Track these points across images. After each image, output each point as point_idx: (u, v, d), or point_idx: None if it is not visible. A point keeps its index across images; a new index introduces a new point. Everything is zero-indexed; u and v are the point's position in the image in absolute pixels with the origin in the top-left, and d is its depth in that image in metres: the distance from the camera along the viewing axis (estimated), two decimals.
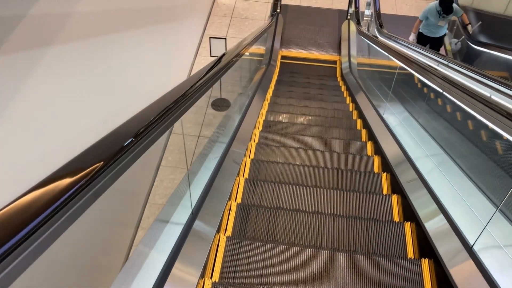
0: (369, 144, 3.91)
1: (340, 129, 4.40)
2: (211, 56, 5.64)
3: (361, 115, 4.73)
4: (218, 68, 2.63)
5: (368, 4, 8.19)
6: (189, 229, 2.15)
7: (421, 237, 2.41)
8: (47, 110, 3.08)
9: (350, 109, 5.35)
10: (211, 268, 2.19)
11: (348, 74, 6.89)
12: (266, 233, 2.56)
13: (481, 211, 2.09)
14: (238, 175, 3.13)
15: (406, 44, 4.41)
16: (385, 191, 3.14)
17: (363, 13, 8.06)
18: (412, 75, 3.30)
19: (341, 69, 7.51)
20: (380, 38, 5.39)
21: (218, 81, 2.93)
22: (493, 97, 1.97)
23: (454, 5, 6.03)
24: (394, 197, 2.90)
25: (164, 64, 5.89)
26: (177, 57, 6.79)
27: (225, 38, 5.39)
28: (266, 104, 5.27)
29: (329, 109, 5.29)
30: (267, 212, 2.66)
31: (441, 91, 2.66)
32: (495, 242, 1.91)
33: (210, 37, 5.43)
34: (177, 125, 2.20)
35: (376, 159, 3.57)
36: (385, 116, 3.93)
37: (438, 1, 6.00)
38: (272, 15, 7.37)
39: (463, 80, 2.52)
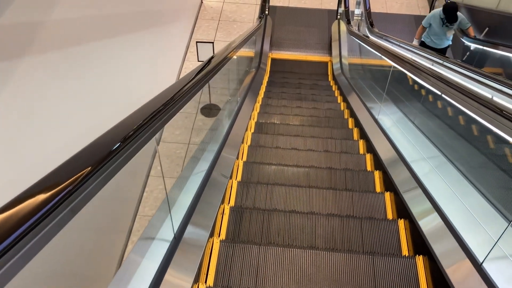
0: (361, 143, 4.02)
1: (332, 128, 4.52)
2: (198, 61, 5.67)
3: (353, 116, 4.81)
4: (208, 70, 2.66)
5: (358, 3, 8.27)
6: (178, 242, 2.17)
7: (415, 233, 2.48)
8: (26, 123, 3.06)
9: (342, 108, 5.43)
10: (205, 273, 2.23)
11: (340, 75, 6.95)
12: (260, 235, 2.61)
13: (477, 210, 2.16)
14: (230, 178, 3.19)
15: (399, 43, 4.46)
16: (378, 189, 3.22)
17: (353, 12, 8.14)
18: (405, 75, 3.34)
19: (332, 70, 7.57)
20: (372, 37, 5.45)
21: (208, 86, 2.97)
22: (495, 98, 2.00)
23: (460, 15, 5.77)
24: (387, 195, 2.98)
25: (151, 71, 5.91)
26: (164, 63, 6.81)
27: (212, 42, 5.43)
28: (257, 105, 5.36)
29: (322, 109, 5.40)
30: (260, 214, 2.71)
31: (437, 91, 2.68)
32: (490, 239, 1.94)
33: (197, 42, 5.47)
34: (166, 133, 2.23)
35: (368, 157, 3.66)
36: (378, 116, 3.98)
37: (442, 8, 5.74)
38: (260, 17, 7.40)
39: (460, 79, 2.56)
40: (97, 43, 4.04)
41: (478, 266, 1.88)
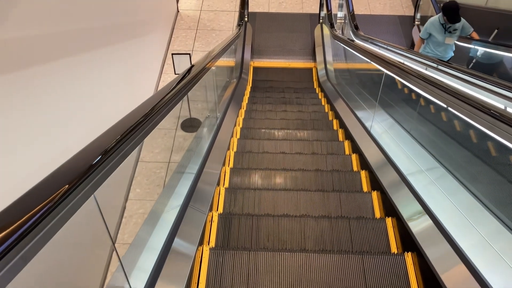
0: (347, 144, 4.09)
1: (317, 130, 4.64)
2: (175, 74, 5.43)
3: (338, 118, 4.81)
4: (188, 80, 2.63)
5: (340, 6, 8.22)
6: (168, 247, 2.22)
7: (403, 231, 2.60)
8: None
9: (327, 110, 5.41)
10: (196, 282, 2.29)
11: (326, 82, 6.84)
12: (250, 241, 2.70)
13: (465, 207, 2.27)
14: (218, 184, 3.28)
15: (387, 47, 4.28)
16: (365, 189, 3.36)
17: (335, 15, 8.02)
18: (399, 81, 3.17)
19: (317, 77, 7.44)
20: (358, 42, 5.26)
21: (187, 99, 3.01)
22: (508, 108, 1.95)
23: (463, 19, 5.28)
24: (374, 194, 3.11)
25: (126, 87, 5.67)
26: (141, 77, 6.62)
27: (189, 54, 5.23)
28: (242, 111, 5.39)
29: (308, 111, 5.52)
30: (249, 220, 2.80)
31: (434, 100, 2.59)
32: (480, 236, 2.05)
33: (172, 54, 5.28)
34: (144, 152, 2.02)
35: (354, 157, 3.81)
36: (371, 124, 3.82)
37: (441, 12, 5.23)
38: (239, 25, 7.20)
39: (453, 82, 2.54)
40: (60, 62, 3.82)
41: (466, 261, 1.96)
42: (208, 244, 2.62)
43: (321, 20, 8.66)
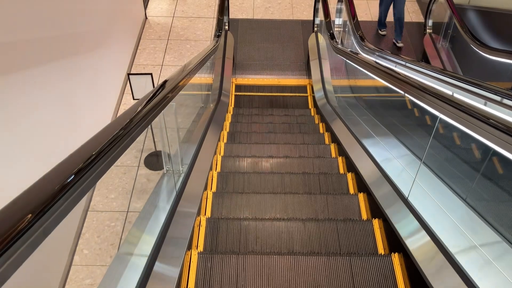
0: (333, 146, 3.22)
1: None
2: (134, 99, 4.41)
3: (349, 165, 3.88)
4: (163, 95, 2.35)
5: (338, 12, 7.31)
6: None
7: (389, 231, 2.69)
8: None
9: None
10: (185, 286, 2.34)
11: (325, 105, 5.85)
12: (238, 245, 2.77)
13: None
14: (206, 189, 3.36)
15: (422, 69, 3.29)
16: (351, 191, 3.47)
17: (333, 22, 7.11)
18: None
19: (313, 98, 6.49)
20: (380, 62, 4.19)
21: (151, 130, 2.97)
22: None
23: None
24: (361, 196, 3.22)
25: (75, 112, 4.92)
26: (96, 99, 5.66)
27: (150, 74, 4.23)
28: (224, 134, 4.72)
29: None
30: (237, 223, 2.88)
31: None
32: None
33: (128, 74, 4.26)
34: (97, 198, 2.37)
35: (340, 160, 3.94)
36: (403, 187, 2.78)
37: None
38: (217, 36, 6.18)
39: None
40: None
41: (448, 257, 2.04)
42: (197, 249, 2.72)
43: (316, 29, 7.77)
